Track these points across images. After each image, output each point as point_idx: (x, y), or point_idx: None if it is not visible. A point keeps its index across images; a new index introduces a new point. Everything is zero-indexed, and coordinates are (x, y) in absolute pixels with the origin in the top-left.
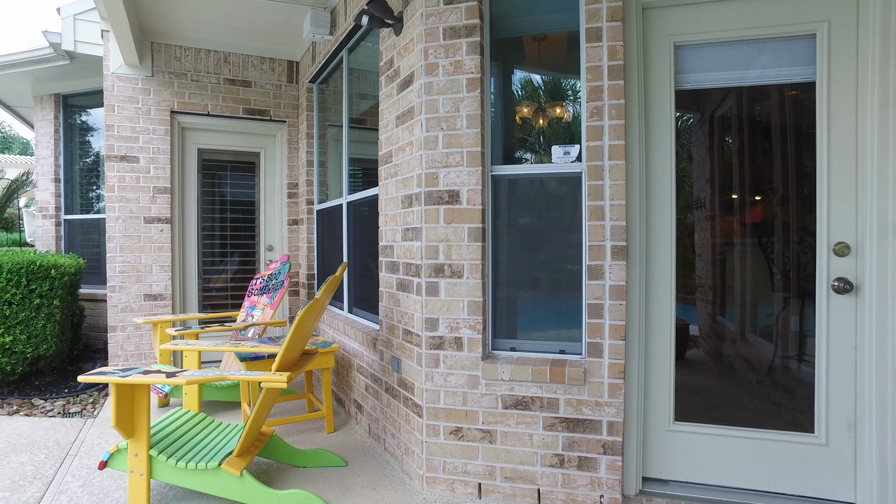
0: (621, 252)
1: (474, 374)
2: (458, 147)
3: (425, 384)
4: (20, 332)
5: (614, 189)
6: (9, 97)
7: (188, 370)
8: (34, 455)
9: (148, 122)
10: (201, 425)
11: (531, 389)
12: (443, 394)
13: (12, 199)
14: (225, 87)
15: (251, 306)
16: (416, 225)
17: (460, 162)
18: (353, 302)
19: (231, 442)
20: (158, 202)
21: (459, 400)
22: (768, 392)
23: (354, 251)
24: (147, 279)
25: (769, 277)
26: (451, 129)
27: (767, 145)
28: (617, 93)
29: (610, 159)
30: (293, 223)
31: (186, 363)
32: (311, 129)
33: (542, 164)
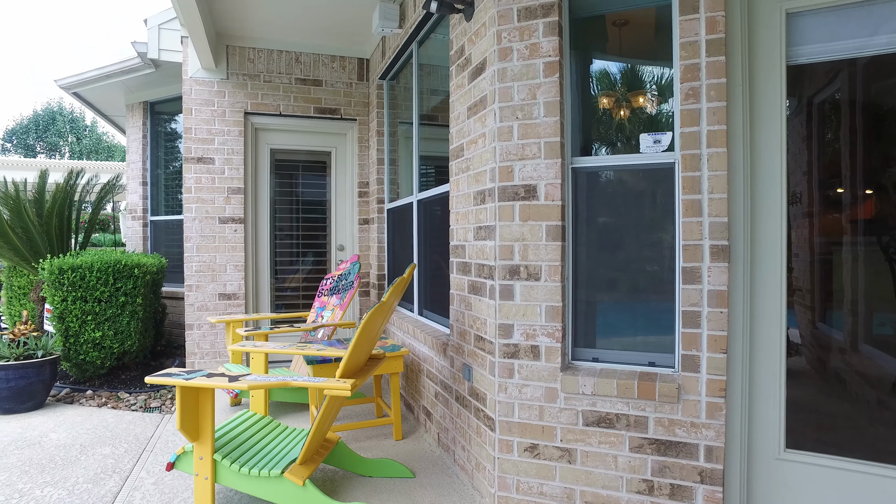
0: (722, 252)
1: (552, 387)
2: (534, 137)
3: (498, 395)
4: (108, 328)
5: (714, 181)
6: (106, 107)
7: (251, 374)
8: (115, 448)
9: (223, 124)
10: (267, 429)
11: (616, 405)
12: (517, 406)
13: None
14: (296, 86)
15: (321, 307)
16: (489, 223)
17: (537, 154)
18: (424, 304)
19: (295, 448)
20: (232, 203)
21: (535, 414)
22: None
23: (425, 251)
24: (221, 278)
25: (891, 280)
26: (527, 119)
27: (888, 129)
28: (717, 71)
29: (709, 147)
30: (364, 222)
31: (253, 365)
32: (381, 127)
33: (627, 155)
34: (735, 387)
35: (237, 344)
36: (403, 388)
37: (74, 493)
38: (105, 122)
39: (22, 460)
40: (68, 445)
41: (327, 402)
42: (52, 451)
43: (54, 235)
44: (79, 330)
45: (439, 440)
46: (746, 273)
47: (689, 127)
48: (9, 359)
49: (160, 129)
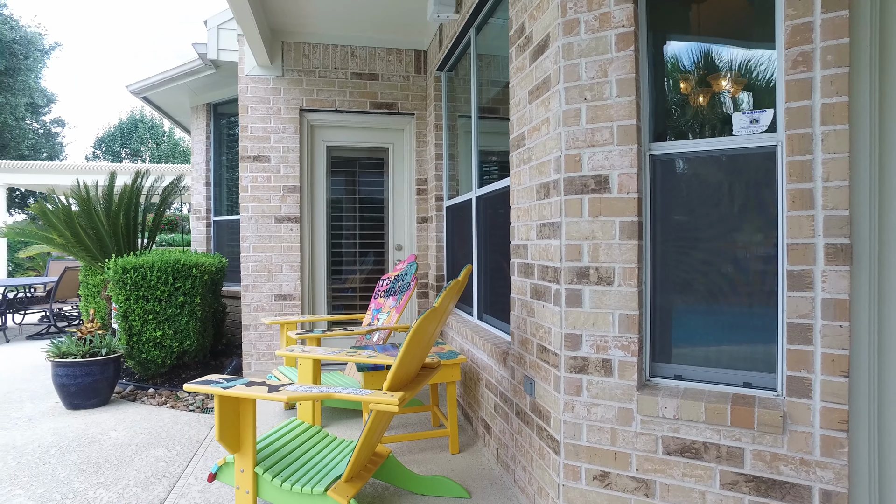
0: (841, 253)
1: (626, 408)
2: (605, 121)
3: (564, 415)
4: (168, 328)
5: (831, 165)
6: (173, 110)
7: (293, 384)
8: (168, 450)
9: (278, 122)
10: (313, 440)
11: (704, 433)
12: (585, 428)
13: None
14: (352, 81)
15: (377, 309)
16: (553, 219)
17: (609, 139)
18: (483, 307)
19: (342, 463)
20: (288, 201)
21: (607, 438)
22: None
23: (485, 251)
24: (277, 279)
25: None
26: (597, 99)
27: None
28: (836, 29)
29: (824, 124)
30: (422, 221)
31: (301, 371)
32: (439, 121)
33: (717, 139)
34: (860, 419)
35: (285, 348)
36: (461, 396)
37: (124, 496)
38: (174, 125)
39: (82, 458)
40: (125, 445)
41: (374, 416)
42: (110, 450)
43: (121, 235)
44: (141, 328)
45: (498, 457)
46: (873, 279)
47: (797, 101)
48: (76, 356)
49: (223, 131)
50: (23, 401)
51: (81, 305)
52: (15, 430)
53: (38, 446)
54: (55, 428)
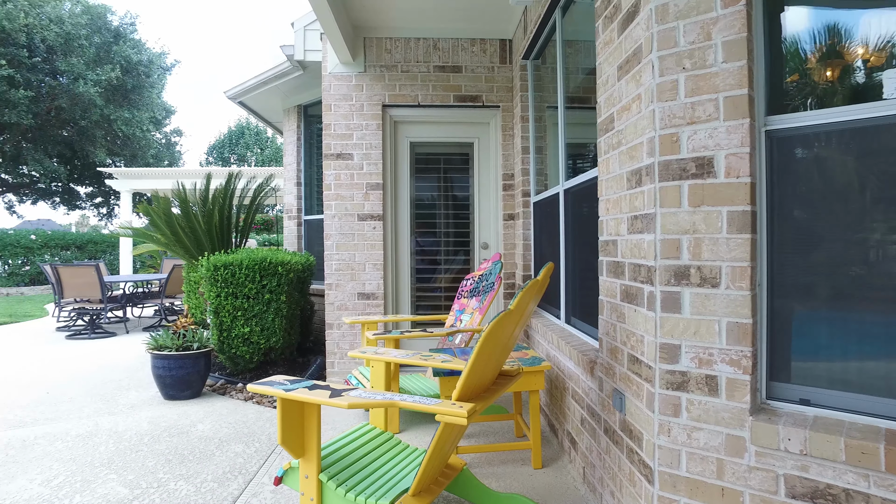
0: None
1: (737, 435)
2: (709, 92)
3: (658, 438)
4: (255, 324)
5: None
6: (267, 113)
7: (356, 390)
8: (247, 447)
9: (361, 118)
10: (383, 448)
11: (844, 476)
12: (685, 456)
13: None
14: (434, 74)
15: (460, 309)
16: (646, 210)
17: (713, 114)
18: (571, 310)
19: (411, 475)
20: (371, 199)
21: (711, 470)
22: None
23: (573, 248)
24: (360, 277)
25: None
26: (699, 67)
27: None
28: None
29: None
30: (508, 218)
31: (373, 374)
32: (525, 112)
33: (855, 107)
34: None
35: (359, 350)
36: (547, 406)
37: (201, 490)
38: (270, 128)
39: (169, 448)
40: (209, 438)
41: (442, 428)
42: (195, 442)
43: (215, 234)
44: (230, 324)
45: (584, 476)
46: None
47: None
48: (171, 349)
49: (312, 131)
50: (129, 388)
51: (184, 300)
52: (119, 416)
53: (134, 433)
54: (151, 417)
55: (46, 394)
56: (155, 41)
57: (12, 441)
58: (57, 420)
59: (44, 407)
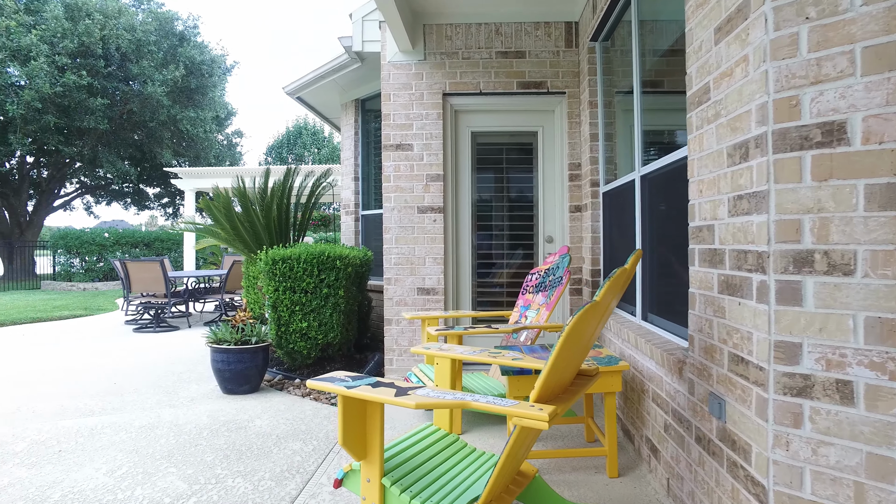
0: None
1: (883, 455)
2: (840, 44)
3: (773, 452)
4: (313, 319)
5: None
6: (325, 108)
7: (423, 388)
8: (305, 444)
9: (421, 108)
10: (449, 450)
11: None
12: (809, 476)
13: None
14: (497, 61)
15: (525, 305)
16: (755, 188)
17: (846, 70)
18: (648, 306)
19: (480, 482)
20: (431, 191)
21: (847, 495)
22: None
23: (650, 239)
24: (420, 272)
25: None
26: (827, 15)
27: None
28: None
29: None
30: (575, 210)
31: (437, 372)
32: (594, 97)
33: None
34: None
35: (422, 346)
36: (620, 408)
37: (259, 489)
38: (327, 124)
39: (228, 444)
40: (267, 434)
41: (518, 432)
42: (253, 438)
43: (273, 229)
44: (288, 319)
45: (669, 488)
46: None
47: None
48: (230, 343)
49: (369, 126)
50: (190, 382)
51: (243, 295)
52: (180, 409)
53: (194, 427)
54: (210, 411)
55: (114, 384)
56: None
57: (82, 429)
58: (122, 410)
59: (111, 397)
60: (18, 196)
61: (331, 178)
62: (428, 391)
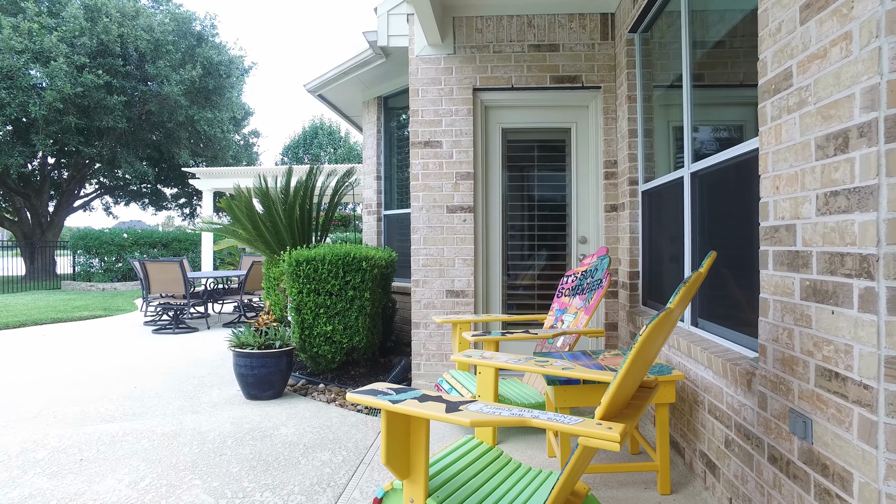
0: None
1: None
2: None
3: (886, 484)
4: (338, 323)
5: None
6: (346, 106)
7: (475, 402)
8: (334, 455)
9: (450, 104)
10: (494, 467)
11: None
12: None
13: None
14: (529, 54)
15: (561, 309)
16: (857, 183)
17: None
18: (699, 311)
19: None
20: (461, 189)
21: None
22: None
23: (701, 240)
24: (449, 273)
25: None
26: None
27: None
28: None
29: None
30: (611, 209)
31: (480, 382)
32: (632, 91)
33: None
34: None
35: (462, 353)
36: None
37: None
38: (348, 122)
39: (253, 453)
40: (293, 444)
41: (580, 452)
42: (279, 447)
43: (296, 229)
44: (312, 322)
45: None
46: None
47: None
48: (254, 347)
49: (392, 124)
50: (212, 386)
51: (263, 297)
52: (202, 415)
53: (217, 434)
54: (234, 417)
55: (134, 388)
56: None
57: (103, 436)
58: (143, 416)
59: (131, 402)
60: (40, 196)
61: (354, 178)
62: (481, 406)
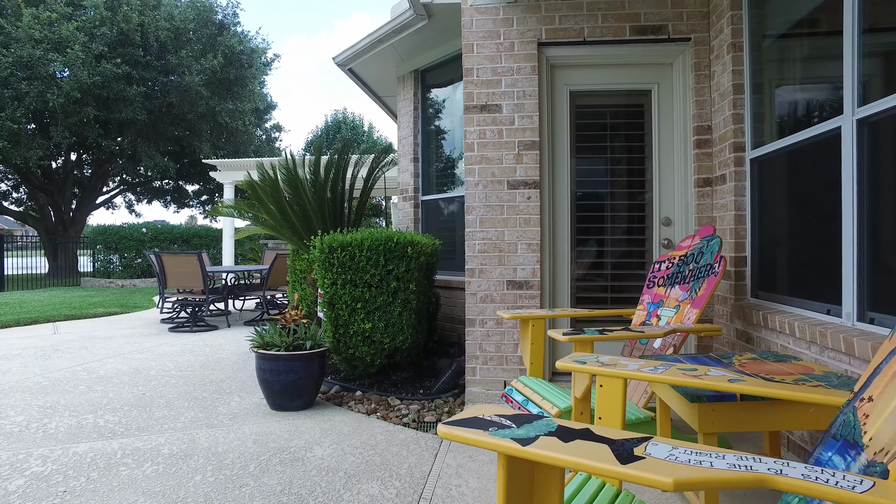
0: None
1: None
2: None
3: None
4: (378, 319)
5: None
6: (377, 84)
7: (660, 446)
8: (385, 487)
9: (511, 61)
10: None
11: None
12: None
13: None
14: (605, 1)
15: (654, 302)
16: None
17: None
18: (869, 303)
19: None
20: (524, 161)
21: None
22: None
23: (873, 213)
24: (511, 261)
25: None
26: None
27: None
28: None
29: None
30: (704, 184)
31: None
32: (738, 39)
33: None
34: None
35: (570, 358)
36: None
37: None
38: (378, 104)
39: (282, 484)
40: (332, 469)
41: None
42: (314, 475)
43: (327, 212)
44: (348, 319)
45: None
46: None
47: None
48: (279, 348)
49: (430, 102)
50: (231, 392)
51: (288, 291)
52: (219, 430)
53: (237, 456)
54: (257, 433)
55: (142, 395)
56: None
57: (97, 458)
58: (149, 430)
59: (137, 412)
60: (62, 193)
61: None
62: (668, 450)
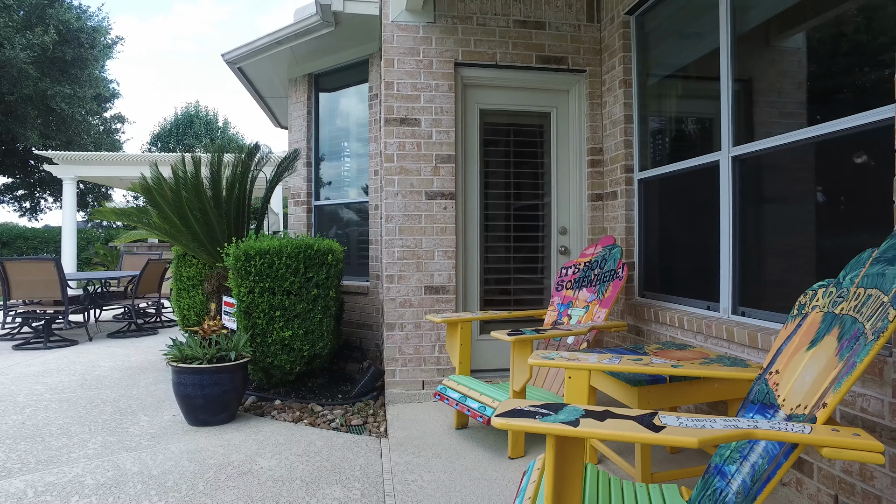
0: None
1: None
2: None
3: None
4: (298, 327)
5: None
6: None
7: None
8: (347, 490)
9: (430, 78)
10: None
11: None
12: None
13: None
14: (515, 30)
15: (564, 303)
16: None
17: None
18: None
19: None
20: (441, 174)
21: None
22: None
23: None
24: (428, 267)
25: None
26: None
27: None
28: None
29: None
30: (596, 199)
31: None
32: (628, 76)
33: None
34: None
35: (539, 355)
36: None
37: None
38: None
39: (242, 498)
40: (286, 479)
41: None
42: (270, 485)
43: (232, 218)
44: (266, 328)
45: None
46: None
47: None
48: (202, 361)
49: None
50: (135, 412)
51: (172, 299)
52: (143, 452)
53: (178, 477)
54: (189, 451)
55: (22, 424)
56: (97, 8)
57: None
58: (56, 462)
59: (26, 444)
60: None
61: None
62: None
